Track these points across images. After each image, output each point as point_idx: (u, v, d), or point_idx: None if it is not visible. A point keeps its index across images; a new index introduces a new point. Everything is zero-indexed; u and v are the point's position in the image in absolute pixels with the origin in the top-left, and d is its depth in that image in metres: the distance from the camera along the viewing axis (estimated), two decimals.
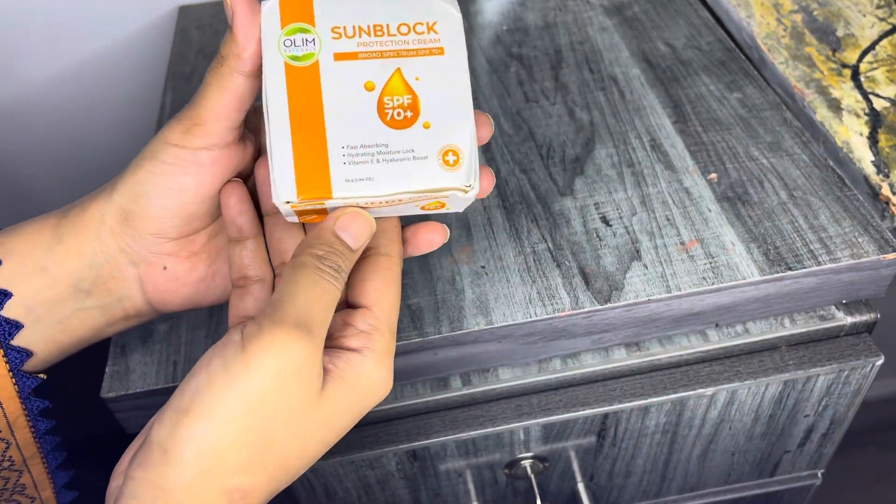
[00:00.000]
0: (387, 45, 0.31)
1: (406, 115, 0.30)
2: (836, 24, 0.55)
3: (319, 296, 0.29)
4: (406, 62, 0.31)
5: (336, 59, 0.30)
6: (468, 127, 0.31)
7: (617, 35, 0.58)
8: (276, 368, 0.27)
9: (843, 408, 0.48)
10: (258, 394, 0.27)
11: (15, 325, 0.34)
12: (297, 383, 0.28)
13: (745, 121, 0.49)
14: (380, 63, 0.30)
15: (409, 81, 0.31)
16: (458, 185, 0.30)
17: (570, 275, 0.42)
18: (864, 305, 0.45)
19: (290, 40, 0.30)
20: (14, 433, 0.36)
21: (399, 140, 0.30)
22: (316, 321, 0.29)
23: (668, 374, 0.44)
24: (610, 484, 0.52)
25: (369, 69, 0.30)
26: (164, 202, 0.33)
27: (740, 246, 0.42)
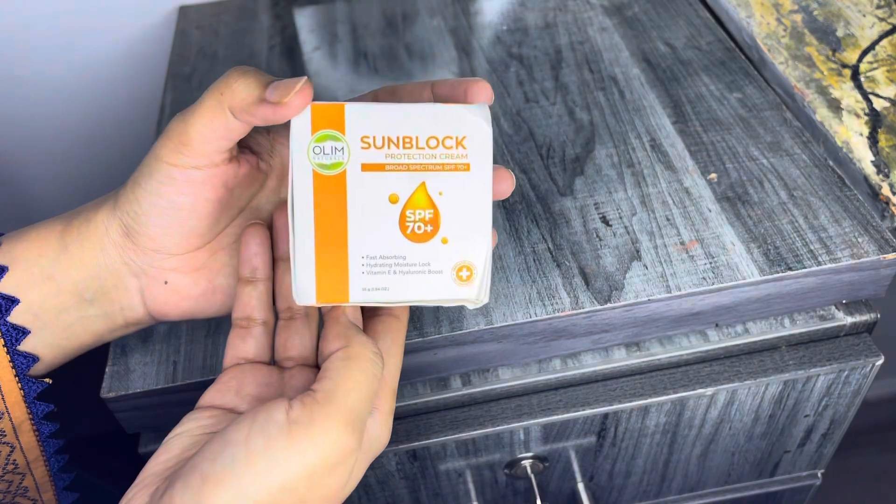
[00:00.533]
0: (414, 158, 0.31)
1: (426, 229, 0.31)
2: (836, 24, 0.55)
3: (370, 391, 0.30)
4: (431, 176, 0.31)
5: (363, 169, 0.31)
6: (484, 243, 0.32)
7: (617, 35, 0.58)
8: (319, 461, 0.28)
9: (843, 408, 0.48)
10: (293, 481, 0.27)
11: (22, 331, 0.34)
12: (335, 477, 0.28)
13: (745, 121, 0.49)
14: (406, 176, 0.31)
15: (433, 196, 0.31)
16: (468, 297, 0.32)
17: (570, 275, 0.42)
18: (864, 305, 0.45)
19: (319, 147, 0.31)
20: (19, 437, 0.36)
21: (417, 253, 0.31)
22: (364, 417, 0.29)
23: (668, 374, 0.44)
24: (610, 484, 0.52)
25: (395, 181, 0.31)
26: (161, 220, 0.33)
27: (740, 246, 0.42)
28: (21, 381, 0.35)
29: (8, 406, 0.35)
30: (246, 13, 0.66)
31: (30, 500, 0.39)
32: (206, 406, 0.33)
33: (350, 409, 0.28)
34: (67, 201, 0.80)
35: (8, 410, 0.35)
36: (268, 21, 0.65)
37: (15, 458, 0.37)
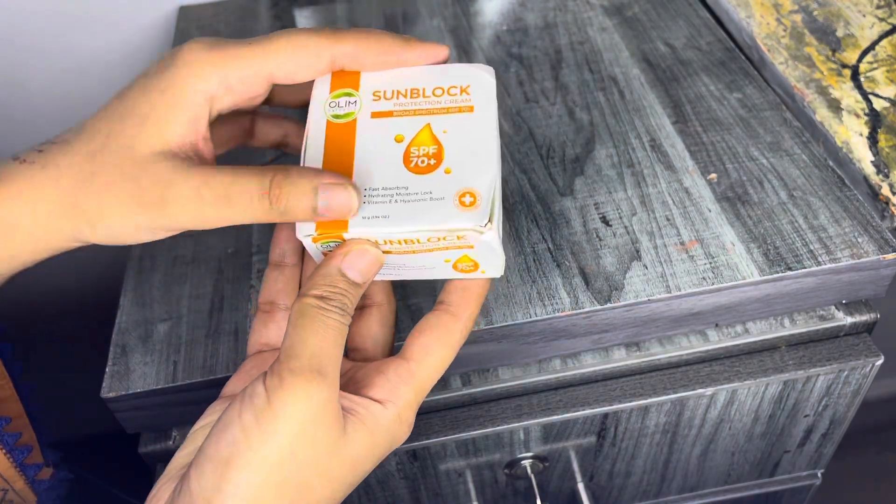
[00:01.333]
0: (420, 105, 0.33)
1: (429, 162, 0.32)
2: (836, 25, 0.55)
3: (329, 339, 0.29)
4: (436, 118, 0.33)
5: (373, 116, 0.33)
6: (490, 175, 0.32)
7: (617, 35, 0.58)
8: (302, 416, 0.28)
9: (843, 408, 0.48)
10: (289, 443, 0.28)
11: None
12: (322, 427, 0.29)
13: (745, 121, 0.49)
14: (412, 119, 0.33)
15: (437, 134, 0.33)
16: (471, 225, 0.31)
17: (570, 275, 0.42)
18: (863, 305, 0.45)
19: (335, 102, 0.33)
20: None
21: (419, 184, 0.31)
22: (328, 364, 0.29)
23: (667, 374, 0.44)
24: (610, 484, 0.52)
25: (401, 125, 0.33)
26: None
27: (740, 246, 0.42)
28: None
29: None
30: (246, 13, 0.66)
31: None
32: (228, 395, 0.34)
33: (310, 358, 0.28)
34: None
35: None
36: (268, 21, 0.65)
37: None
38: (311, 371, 0.28)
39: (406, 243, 0.31)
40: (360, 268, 0.31)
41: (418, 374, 0.32)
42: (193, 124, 0.31)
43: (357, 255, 0.31)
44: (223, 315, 0.43)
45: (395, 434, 0.31)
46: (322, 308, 0.30)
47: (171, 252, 0.46)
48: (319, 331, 0.29)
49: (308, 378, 0.28)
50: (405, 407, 0.31)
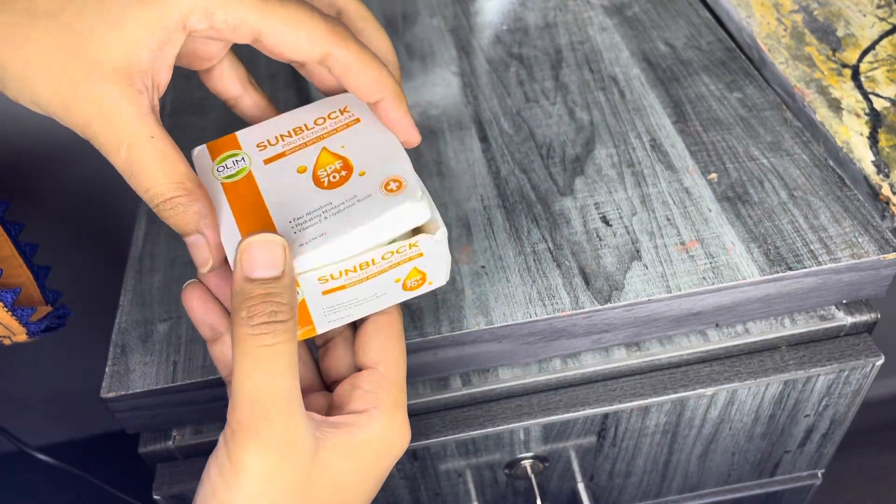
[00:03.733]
0: (308, 136, 0.34)
1: (341, 174, 0.32)
2: (837, 24, 0.55)
3: (268, 372, 0.27)
4: (329, 140, 0.33)
5: (266, 163, 0.33)
6: (404, 162, 0.32)
7: (617, 35, 0.58)
8: (260, 463, 0.27)
9: (844, 408, 0.48)
10: (256, 491, 0.28)
11: None
12: (286, 465, 0.28)
13: (746, 121, 0.49)
14: (306, 150, 0.33)
15: (336, 151, 0.33)
16: (409, 206, 0.30)
17: (570, 275, 0.42)
18: (864, 305, 0.45)
19: (222, 166, 0.33)
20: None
21: (340, 195, 0.31)
22: (273, 403, 0.28)
23: (668, 374, 0.44)
24: (610, 484, 0.52)
25: (298, 158, 0.33)
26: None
27: (740, 246, 0.42)
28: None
29: None
30: None
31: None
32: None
33: (252, 405, 0.27)
34: (67, 201, 0.80)
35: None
36: None
37: None
38: (257, 419, 0.27)
39: (361, 269, 0.30)
40: (264, 260, 0.28)
41: (390, 375, 0.32)
42: (161, 51, 0.29)
43: (252, 249, 0.28)
44: None
45: (392, 438, 0.31)
46: (249, 335, 0.27)
47: (171, 252, 0.46)
48: (258, 366, 0.27)
49: (256, 428, 0.27)
50: (393, 409, 0.31)
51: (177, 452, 0.43)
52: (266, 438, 0.27)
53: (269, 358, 0.27)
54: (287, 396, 0.28)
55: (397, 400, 0.31)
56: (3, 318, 0.37)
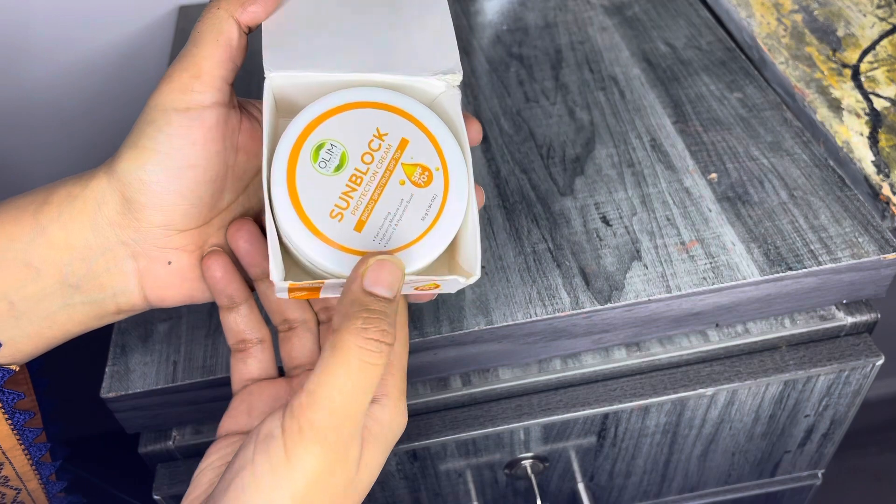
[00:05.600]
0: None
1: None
2: (837, 24, 0.55)
3: (358, 388, 0.27)
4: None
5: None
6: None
7: (617, 35, 0.58)
8: (319, 468, 0.27)
9: (844, 408, 0.48)
10: (303, 492, 0.27)
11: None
12: (338, 474, 0.28)
13: (746, 121, 0.49)
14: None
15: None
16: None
17: (570, 275, 0.42)
18: (864, 305, 0.45)
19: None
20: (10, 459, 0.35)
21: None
22: (355, 415, 0.28)
23: (668, 374, 0.44)
24: (610, 484, 0.52)
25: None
26: (172, 185, 0.31)
27: (740, 246, 0.42)
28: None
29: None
30: None
31: (12, 489, 0.38)
32: (223, 435, 0.33)
33: (332, 413, 0.27)
34: None
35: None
36: None
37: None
38: (330, 429, 0.27)
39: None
40: (387, 281, 0.28)
41: (396, 362, 0.32)
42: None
43: (378, 267, 0.28)
44: None
45: (399, 425, 0.31)
46: (360, 346, 0.27)
47: None
48: (352, 380, 0.27)
49: (326, 435, 0.27)
50: (399, 397, 0.31)
51: (177, 452, 0.43)
52: (332, 446, 0.27)
53: (366, 375, 0.27)
54: (360, 415, 0.28)
55: (401, 388, 0.32)
56: (22, 469, 0.38)
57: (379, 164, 0.31)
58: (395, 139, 0.31)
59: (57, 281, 0.31)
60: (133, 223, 0.31)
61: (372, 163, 0.30)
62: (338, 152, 0.30)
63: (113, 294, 0.33)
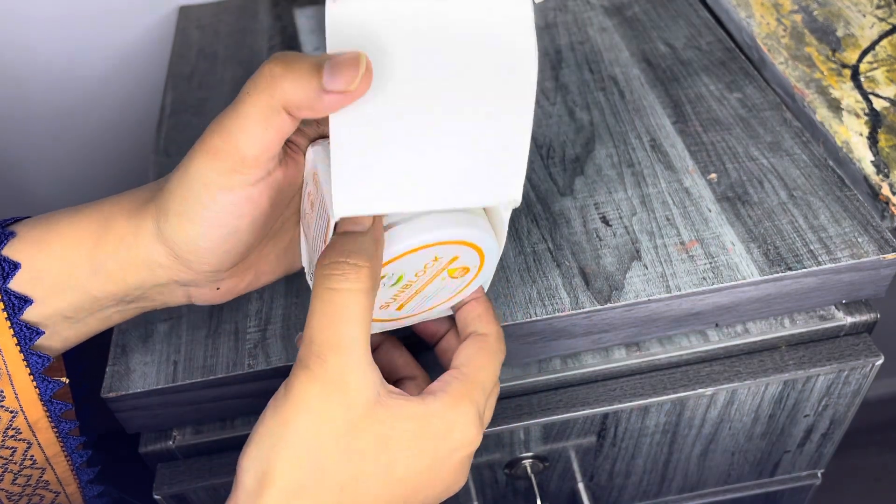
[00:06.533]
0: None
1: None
2: (836, 24, 0.55)
3: (329, 312, 0.29)
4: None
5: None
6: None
7: (617, 35, 0.58)
8: (308, 395, 0.29)
9: (843, 408, 0.48)
10: (296, 418, 0.29)
11: (36, 331, 0.34)
12: (335, 407, 0.29)
13: (745, 121, 0.49)
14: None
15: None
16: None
17: (570, 275, 0.42)
18: (864, 305, 0.45)
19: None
20: (35, 434, 0.36)
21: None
22: (334, 343, 0.29)
23: (667, 374, 0.44)
24: (610, 484, 0.52)
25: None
26: (218, 246, 0.32)
27: (740, 246, 0.42)
28: (37, 381, 0.35)
29: (23, 405, 0.35)
30: (246, 13, 0.66)
31: (52, 492, 0.39)
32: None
33: (311, 339, 0.29)
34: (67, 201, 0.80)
35: (22, 409, 0.35)
36: (268, 21, 0.65)
37: (33, 453, 0.37)
38: (311, 356, 0.29)
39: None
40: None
41: (469, 374, 0.32)
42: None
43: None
44: (223, 315, 0.43)
45: (452, 422, 0.31)
46: (322, 273, 0.29)
47: None
48: (319, 305, 0.29)
49: (307, 364, 0.29)
50: (461, 396, 0.31)
51: (177, 452, 0.43)
52: (317, 374, 0.28)
53: (333, 301, 0.28)
54: (347, 344, 0.29)
55: (469, 394, 0.32)
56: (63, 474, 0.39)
57: (428, 274, 0.33)
58: (448, 256, 0.32)
59: (114, 302, 0.34)
60: (185, 270, 0.33)
61: (423, 274, 0.33)
62: (397, 276, 0.32)
63: (163, 303, 0.36)
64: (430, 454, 0.31)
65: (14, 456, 0.36)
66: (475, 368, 0.33)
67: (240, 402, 0.42)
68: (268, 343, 0.41)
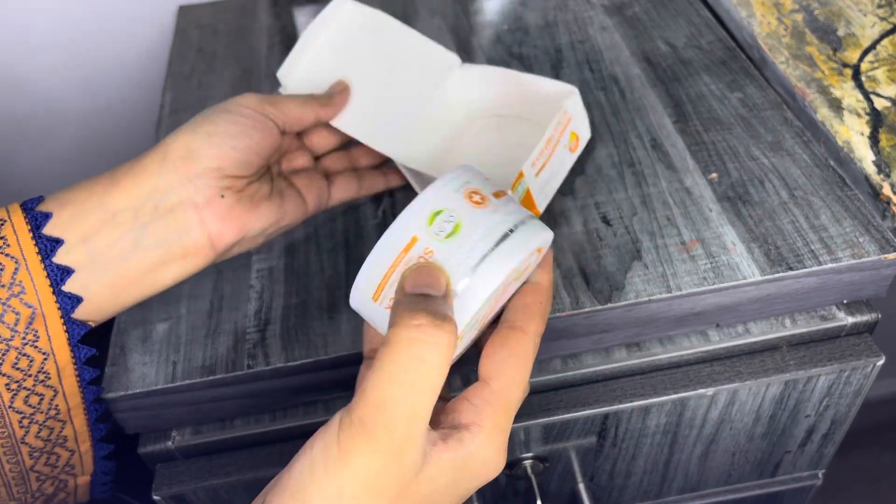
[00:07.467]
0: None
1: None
2: (837, 24, 0.55)
3: (410, 380, 0.27)
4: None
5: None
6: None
7: (617, 34, 0.58)
8: (369, 466, 0.27)
9: (844, 408, 0.48)
10: (352, 488, 0.27)
11: (66, 270, 0.35)
12: (393, 476, 0.28)
13: (746, 120, 0.49)
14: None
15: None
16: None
17: (570, 275, 0.42)
18: (865, 305, 0.44)
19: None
20: (62, 381, 0.37)
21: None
22: (406, 414, 0.27)
23: (668, 375, 0.44)
24: (610, 484, 0.52)
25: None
26: (232, 143, 0.38)
27: (741, 246, 0.42)
28: (66, 323, 0.36)
29: (53, 348, 0.36)
30: (246, 13, 0.66)
31: (68, 450, 0.39)
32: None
33: (384, 407, 0.27)
34: None
35: (53, 352, 0.36)
36: (267, 20, 0.65)
37: (57, 403, 0.37)
38: (378, 425, 0.27)
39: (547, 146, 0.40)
40: (426, 282, 0.29)
41: (499, 392, 0.31)
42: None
43: (418, 272, 0.29)
44: (223, 315, 0.43)
45: (486, 460, 0.30)
46: (409, 337, 0.27)
47: None
48: (400, 371, 0.27)
49: (374, 432, 0.27)
50: (492, 429, 0.30)
51: (176, 452, 0.43)
52: (380, 445, 0.27)
53: (417, 370, 0.27)
54: (418, 417, 0.27)
55: (500, 423, 0.31)
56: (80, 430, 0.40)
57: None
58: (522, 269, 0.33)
59: (129, 218, 0.36)
60: (192, 166, 0.37)
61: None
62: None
63: (178, 235, 0.37)
64: (462, 491, 0.30)
65: (41, 405, 0.37)
66: (506, 384, 0.31)
67: (239, 402, 0.42)
68: (267, 343, 0.41)
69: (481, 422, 0.30)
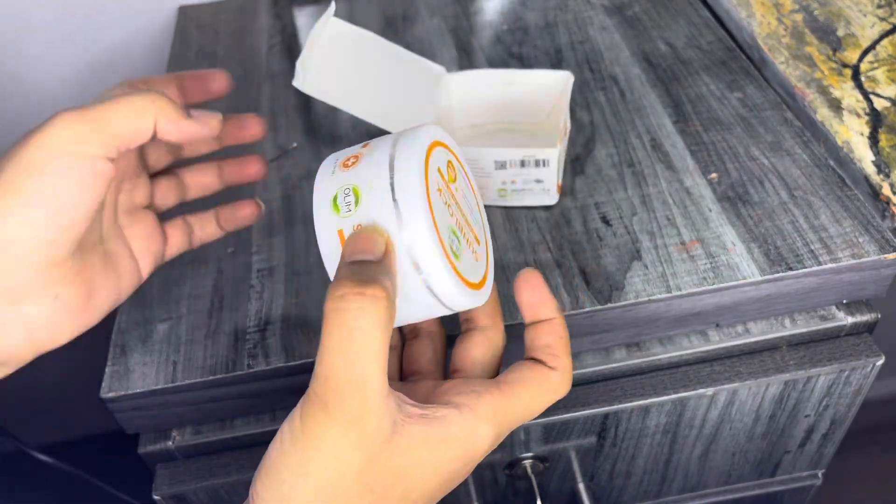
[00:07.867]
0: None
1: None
2: (837, 24, 0.55)
3: (346, 349, 0.27)
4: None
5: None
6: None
7: (617, 34, 0.58)
8: (327, 435, 0.28)
9: (844, 408, 0.48)
10: (315, 458, 0.28)
11: None
12: (353, 445, 0.28)
13: (746, 120, 0.49)
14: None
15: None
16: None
17: (570, 275, 0.42)
18: (864, 305, 0.45)
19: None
20: None
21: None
22: (353, 380, 0.27)
23: (668, 375, 0.44)
24: (610, 484, 0.52)
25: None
26: (46, 227, 0.29)
27: (741, 246, 0.42)
28: None
29: None
30: (246, 13, 0.66)
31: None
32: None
33: (328, 377, 0.27)
34: None
35: None
36: (268, 21, 0.65)
37: None
38: (328, 394, 0.27)
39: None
40: (363, 246, 0.28)
41: (508, 395, 0.31)
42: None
43: (355, 240, 0.29)
44: (223, 315, 0.43)
45: (473, 445, 0.30)
46: (334, 308, 0.27)
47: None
48: (334, 342, 0.27)
49: (325, 402, 0.27)
50: (485, 418, 0.30)
51: (176, 452, 0.43)
52: (335, 414, 0.27)
53: (350, 338, 0.27)
54: (365, 382, 0.27)
55: (499, 417, 0.30)
56: None
57: (446, 192, 0.32)
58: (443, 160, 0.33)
59: None
60: (6, 264, 0.29)
61: (445, 191, 0.32)
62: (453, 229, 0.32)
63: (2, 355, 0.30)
64: (446, 473, 0.30)
65: None
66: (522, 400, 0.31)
67: (239, 402, 0.42)
68: (267, 343, 0.41)
69: (475, 406, 0.30)
